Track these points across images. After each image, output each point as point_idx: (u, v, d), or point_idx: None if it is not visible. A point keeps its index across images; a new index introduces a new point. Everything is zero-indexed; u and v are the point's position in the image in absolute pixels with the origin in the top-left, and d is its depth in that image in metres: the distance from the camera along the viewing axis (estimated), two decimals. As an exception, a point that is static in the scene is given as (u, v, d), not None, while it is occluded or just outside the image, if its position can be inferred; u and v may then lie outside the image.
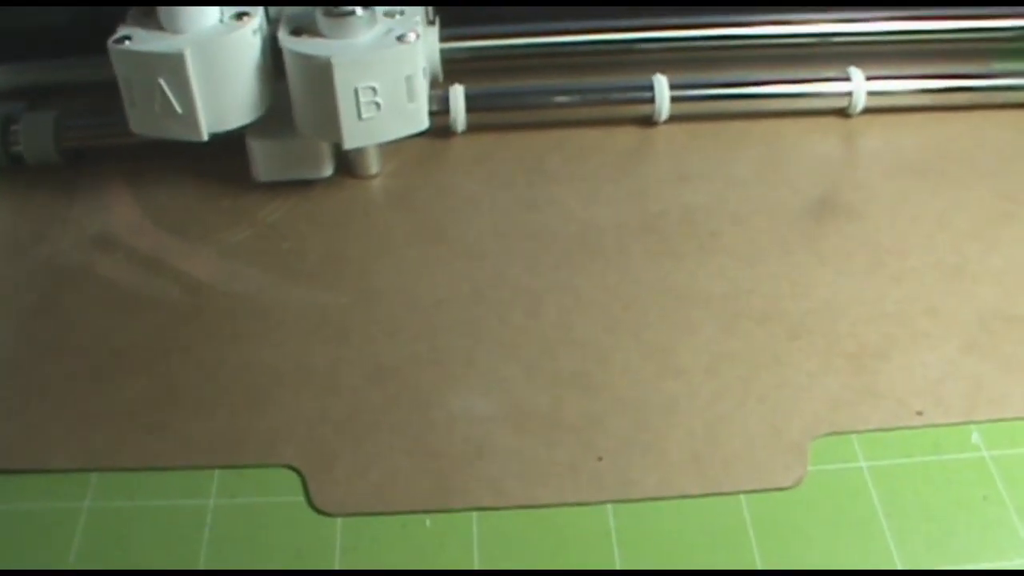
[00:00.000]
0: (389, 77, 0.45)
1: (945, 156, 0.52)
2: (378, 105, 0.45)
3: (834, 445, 0.39)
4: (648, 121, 0.54)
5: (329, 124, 0.45)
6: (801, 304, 0.44)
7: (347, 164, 0.51)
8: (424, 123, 0.47)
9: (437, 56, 0.51)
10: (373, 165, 0.51)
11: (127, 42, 0.44)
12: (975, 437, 0.39)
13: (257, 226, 0.49)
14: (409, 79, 0.45)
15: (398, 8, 0.46)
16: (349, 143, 0.46)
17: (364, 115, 0.45)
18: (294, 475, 0.38)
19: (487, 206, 0.50)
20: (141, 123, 0.47)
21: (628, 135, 0.54)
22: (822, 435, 0.39)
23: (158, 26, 0.45)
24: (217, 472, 0.38)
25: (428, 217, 0.49)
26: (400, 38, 0.44)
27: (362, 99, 0.45)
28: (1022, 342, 0.42)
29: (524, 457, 0.38)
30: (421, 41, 0.45)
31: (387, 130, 0.46)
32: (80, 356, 0.43)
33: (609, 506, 0.37)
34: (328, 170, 0.50)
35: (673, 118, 0.54)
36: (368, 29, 0.45)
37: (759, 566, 0.35)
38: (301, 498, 0.37)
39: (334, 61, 0.43)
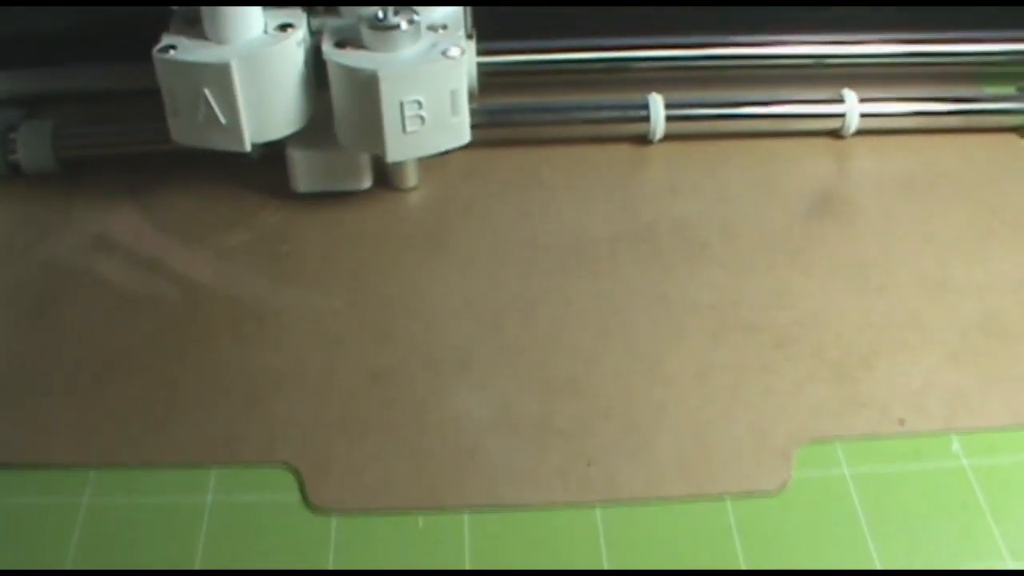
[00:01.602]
0: (434, 91, 0.44)
1: (933, 176, 0.52)
2: (422, 119, 0.45)
3: (818, 452, 0.40)
4: (643, 140, 0.54)
5: (373, 137, 0.45)
6: (787, 314, 0.45)
7: (385, 178, 0.51)
8: (466, 137, 0.47)
9: (475, 70, 0.50)
10: (411, 178, 0.51)
11: (172, 51, 0.44)
12: (955, 446, 0.40)
13: (255, 230, 0.49)
14: (454, 93, 0.45)
15: (440, 21, 0.46)
16: (392, 156, 0.46)
17: (408, 128, 0.45)
18: (290, 474, 0.39)
19: (482, 215, 0.50)
20: (182, 132, 0.46)
21: (623, 153, 0.54)
22: (807, 442, 0.40)
23: (202, 35, 0.45)
24: (214, 470, 0.39)
25: (424, 225, 0.50)
26: (445, 52, 0.44)
27: (407, 112, 0.44)
28: (1002, 354, 0.43)
29: (516, 460, 0.39)
30: (466, 56, 0.45)
31: (430, 143, 0.46)
32: (80, 357, 0.43)
33: (598, 508, 0.38)
34: (367, 182, 0.50)
35: (668, 137, 0.54)
36: (413, 43, 0.45)
37: (743, 567, 0.36)
38: (297, 496, 0.38)
39: (381, 74, 0.43)
